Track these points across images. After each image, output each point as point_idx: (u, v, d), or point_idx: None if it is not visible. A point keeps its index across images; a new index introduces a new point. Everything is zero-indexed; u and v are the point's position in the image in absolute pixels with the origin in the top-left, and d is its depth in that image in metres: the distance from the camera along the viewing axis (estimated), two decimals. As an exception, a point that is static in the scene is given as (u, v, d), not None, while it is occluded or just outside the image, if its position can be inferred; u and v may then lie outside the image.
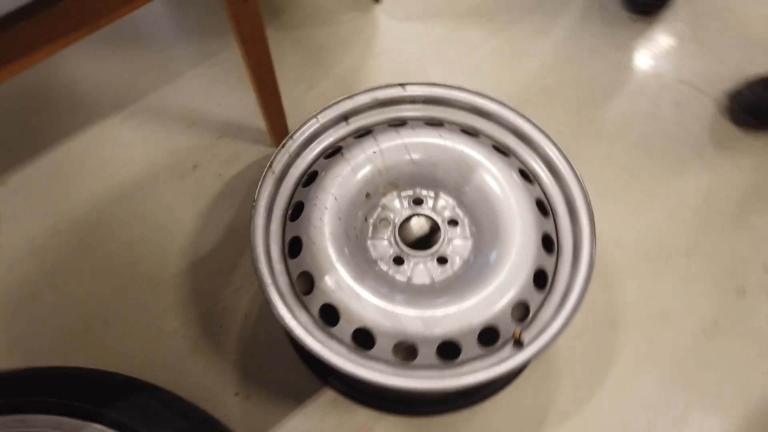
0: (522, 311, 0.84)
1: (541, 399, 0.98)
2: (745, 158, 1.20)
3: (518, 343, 0.82)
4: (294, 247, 0.88)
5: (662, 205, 1.15)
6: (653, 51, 1.33)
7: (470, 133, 0.96)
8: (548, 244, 0.88)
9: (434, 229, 0.93)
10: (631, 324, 1.04)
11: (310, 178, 0.93)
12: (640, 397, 0.99)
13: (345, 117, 0.97)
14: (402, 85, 0.97)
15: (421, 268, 0.89)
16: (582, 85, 1.27)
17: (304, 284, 0.87)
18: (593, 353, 1.02)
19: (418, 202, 0.94)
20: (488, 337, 0.82)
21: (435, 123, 0.97)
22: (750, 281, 1.08)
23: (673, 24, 1.37)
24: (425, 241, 0.92)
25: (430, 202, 0.94)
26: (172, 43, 1.31)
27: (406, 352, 0.82)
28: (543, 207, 0.91)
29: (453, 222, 0.92)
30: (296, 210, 0.91)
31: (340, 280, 0.83)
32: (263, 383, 0.98)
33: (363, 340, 0.82)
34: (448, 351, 0.82)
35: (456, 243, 0.91)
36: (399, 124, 0.96)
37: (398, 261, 0.90)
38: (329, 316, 0.84)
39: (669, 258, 1.10)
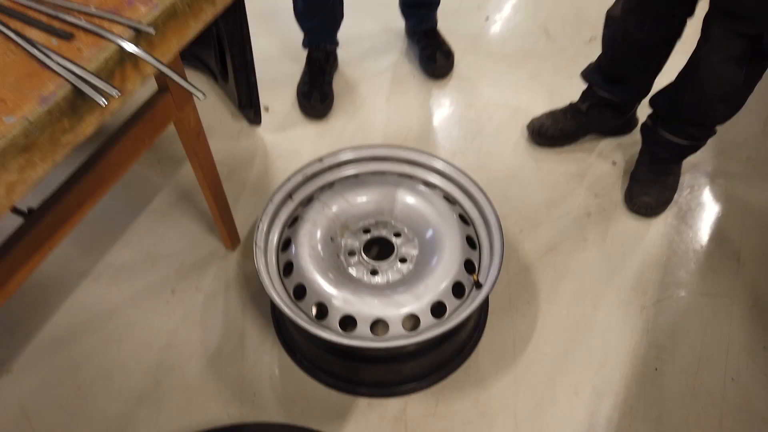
0: (470, 266, 1.19)
1: (507, 335, 1.31)
2: (549, 164, 1.65)
3: (478, 285, 1.15)
4: (298, 292, 1.15)
5: (518, 204, 1.60)
6: (458, 95, 1.83)
7: (381, 173, 1.32)
8: (465, 219, 1.25)
9: (387, 243, 1.25)
10: (536, 263, 1.43)
11: (285, 243, 1.21)
12: (566, 300, 1.36)
13: (289, 195, 1.28)
14: (320, 159, 1.31)
15: (391, 271, 1.20)
16: (428, 128, 1.72)
17: (318, 312, 1.13)
18: (522, 290, 1.38)
19: (367, 231, 1.26)
20: (458, 290, 1.15)
21: (353, 176, 1.32)
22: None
23: (453, 80, 1.90)
24: (385, 253, 1.24)
25: (376, 227, 1.26)
26: (105, 210, 1.52)
27: (411, 323, 1.11)
28: (449, 199, 1.28)
29: (397, 234, 1.25)
30: (287, 267, 1.18)
31: (345, 298, 1.11)
32: (309, 418, 1.19)
33: (374, 329, 1.10)
34: (439, 311, 1.12)
35: (406, 246, 1.24)
36: (330, 184, 1.30)
37: (374, 273, 1.20)
38: (346, 324, 1.10)
39: (535, 214, 1.53)
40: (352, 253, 1.23)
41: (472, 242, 1.22)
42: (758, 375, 1.26)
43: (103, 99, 0.64)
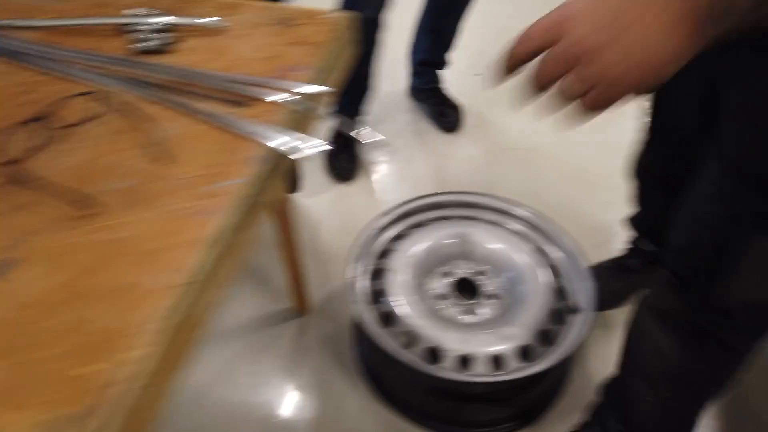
0: (560, 292, 1.23)
1: (600, 358, 1.35)
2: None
3: (575, 308, 1.20)
4: (405, 341, 1.15)
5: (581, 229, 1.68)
6: (481, 142, 1.93)
7: (442, 218, 1.37)
8: (542, 251, 1.31)
9: (471, 283, 1.28)
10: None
11: (376, 295, 1.22)
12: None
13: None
14: (385, 213, 1.35)
15: (485, 308, 1.23)
16: (470, 177, 1.80)
17: (430, 357, 1.13)
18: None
19: (450, 273, 1.29)
20: (558, 317, 1.19)
21: (416, 225, 1.36)
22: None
23: (469, 130, 2.00)
24: (471, 293, 1.27)
25: (457, 269, 1.30)
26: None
27: (521, 354, 1.13)
28: (522, 234, 1.34)
29: (480, 273, 1.29)
30: (387, 318, 1.18)
31: (459, 339, 1.13)
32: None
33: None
34: (546, 339, 1.15)
35: (491, 283, 1.27)
36: (400, 236, 1.33)
37: (469, 312, 1.23)
38: (463, 363, 1.11)
39: (603, 231, 1.60)
40: (442, 296, 1.25)
41: (555, 270, 1.27)
42: None
43: (309, 153, 0.66)
